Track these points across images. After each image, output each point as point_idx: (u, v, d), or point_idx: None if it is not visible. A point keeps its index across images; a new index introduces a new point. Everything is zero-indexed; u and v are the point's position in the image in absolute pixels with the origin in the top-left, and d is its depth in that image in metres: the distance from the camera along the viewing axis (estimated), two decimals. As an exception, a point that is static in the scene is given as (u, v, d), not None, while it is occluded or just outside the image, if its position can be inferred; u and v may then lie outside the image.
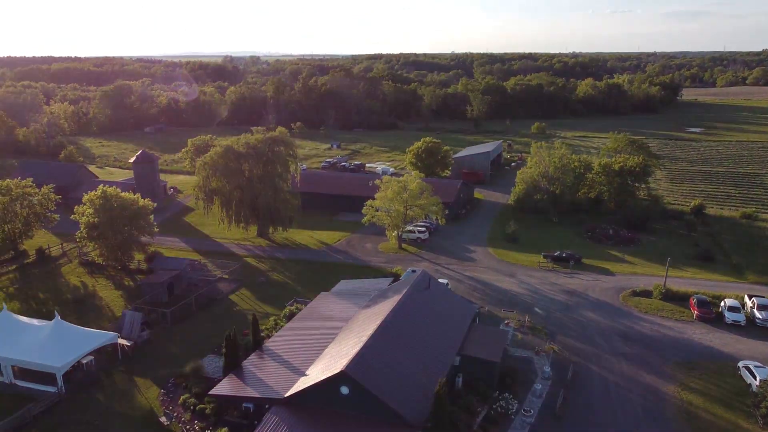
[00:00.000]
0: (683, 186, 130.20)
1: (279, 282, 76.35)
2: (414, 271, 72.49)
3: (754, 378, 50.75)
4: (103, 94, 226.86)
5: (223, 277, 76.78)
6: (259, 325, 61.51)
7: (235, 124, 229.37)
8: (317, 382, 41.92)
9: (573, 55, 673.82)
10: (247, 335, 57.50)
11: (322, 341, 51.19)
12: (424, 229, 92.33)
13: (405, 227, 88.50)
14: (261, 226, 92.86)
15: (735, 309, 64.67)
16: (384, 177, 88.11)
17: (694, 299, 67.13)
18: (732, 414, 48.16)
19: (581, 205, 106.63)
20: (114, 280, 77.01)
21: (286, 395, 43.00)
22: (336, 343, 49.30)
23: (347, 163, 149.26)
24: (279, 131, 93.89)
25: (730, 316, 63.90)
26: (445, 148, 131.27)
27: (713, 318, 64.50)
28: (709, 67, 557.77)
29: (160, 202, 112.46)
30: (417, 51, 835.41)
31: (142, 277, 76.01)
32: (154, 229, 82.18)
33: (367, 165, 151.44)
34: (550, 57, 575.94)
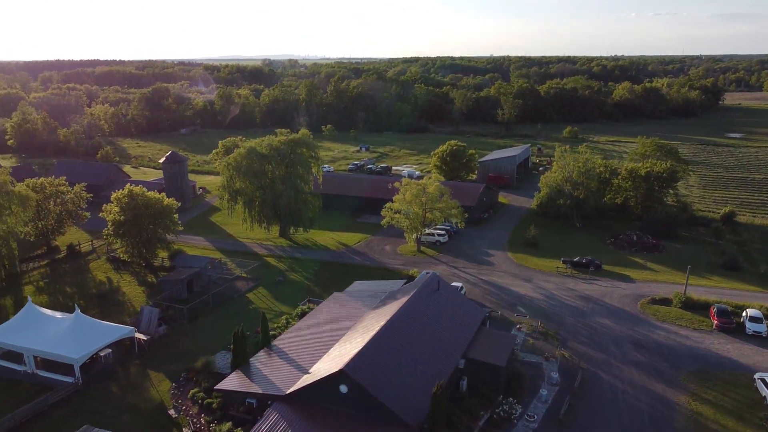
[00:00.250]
0: (716, 192, 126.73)
1: (296, 282, 77.51)
2: (428, 274, 72.81)
3: (770, 390, 49.40)
4: (141, 97, 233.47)
5: (242, 275, 78.38)
6: (272, 323, 63.04)
7: (269, 126, 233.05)
8: (317, 380, 42.65)
9: (614, 59, 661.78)
10: (259, 333, 58.79)
11: (329, 340, 51.92)
12: (443, 232, 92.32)
13: (424, 230, 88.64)
14: (282, 226, 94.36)
15: (757, 319, 62.81)
16: (403, 180, 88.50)
17: (714, 308, 65.47)
18: (743, 426, 46.91)
19: (606, 210, 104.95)
20: (138, 277, 79.42)
21: (288, 392, 43.87)
22: (341, 342, 49.94)
23: (374, 166, 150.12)
24: (301, 133, 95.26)
25: (751, 327, 62.10)
26: (470, 152, 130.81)
27: (734, 328, 62.75)
28: (756, 70, 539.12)
29: (187, 202, 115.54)
30: (453, 54, 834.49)
31: (164, 273, 78.15)
32: (178, 227, 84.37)
33: (394, 168, 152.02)
34: (589, 60, 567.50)
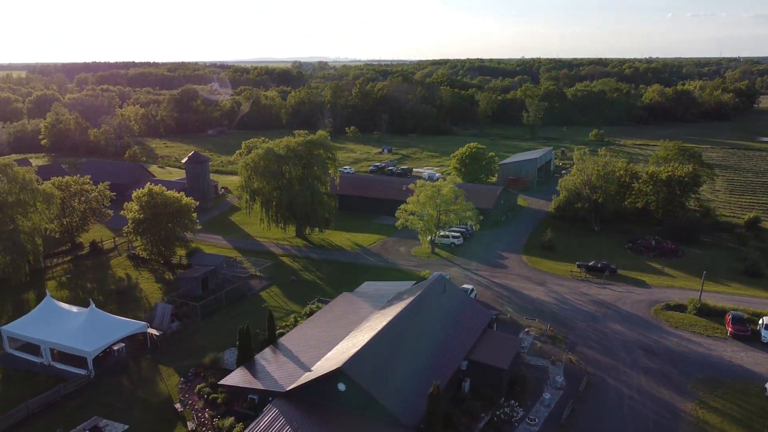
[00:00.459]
0: (743, 198, 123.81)
1: (309, 281, 78.37)
2: (444, 276, 72.94)
3: (780, 400, 48.28)
4: (171, 98, 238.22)
5: (256, 274, 79.56)
6: (281, 321, 63.99)
7: (294, 127, 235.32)
8: (316, 378, 43.23)
9: (647, 61, 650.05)
10: (266, 331, 59.71)
11: (333, 339, 52.49)
12: (458, 234, 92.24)
13: (438, 232, 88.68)
14: (298, 226, 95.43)
15: (773, 327, 61.36)
16: (418, 182, 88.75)
17: (729, 315, 64.14)
18: (750, 436, 46.01)
19: (627, 214, 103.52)
20: (156, 274, 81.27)
21: (288, 389, 44.55)
22: (344, 341, 50.43)
23: (394, 168, 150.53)
24: (319, 135, 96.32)
25: (766, 335, 60.69)
26: (490, 154, 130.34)
27: (749, 336, 61.39)
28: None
29: (209, 201, 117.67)
30: (483, 56, 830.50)
31: (181, 271, 79.79)
32: (196, 226, 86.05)
33: (414, 170, 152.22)
34: (621, 62, 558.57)
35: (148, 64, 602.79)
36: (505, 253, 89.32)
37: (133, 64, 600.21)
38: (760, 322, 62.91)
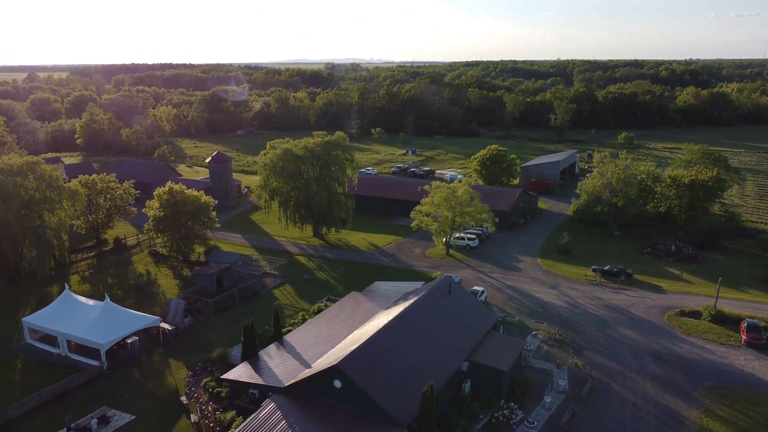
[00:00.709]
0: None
1: (322, 280, 79.33)
2: (450, 277, 73.07)
3: (788, 410, 47.09)
4: (201, 99, 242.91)
5: (271, 272, 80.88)
6: (290, 319, 65.05)
7: (322, 128, 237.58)
8: (313, 374, 44.01)
9: (686, 63, 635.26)
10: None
11: (336, 337, 53.24)
12: (474, 236, 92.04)
13: (453, 234, 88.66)
14: (315, 225, 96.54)
15: (790, 336, 59.82)
16: (433, 183, 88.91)
17: (744, 323, 62.69)
18: (755, 446, 45.04)
19: (648, 219, 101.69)
20: (174, 270, 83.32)
21: (286, 384, 45.43)
22: (346, 339, 51.14)
23: (417, 169, 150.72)
24: (337, 136, 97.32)
25: (782, 344, 59.22)
26: (511, 156, 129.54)
27: (763, 344, 59.93)
28: None
29: (231, 200, 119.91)
30: (516, 58, 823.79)
31: (198, 268, 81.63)
32: (215, 224, 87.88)
33: (437, 171, 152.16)
34: (657, 64, 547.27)
35: (184, 66, 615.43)
36: (520, 256, 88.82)
37: (169, 66, 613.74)
38: (777, 330, 61.42)
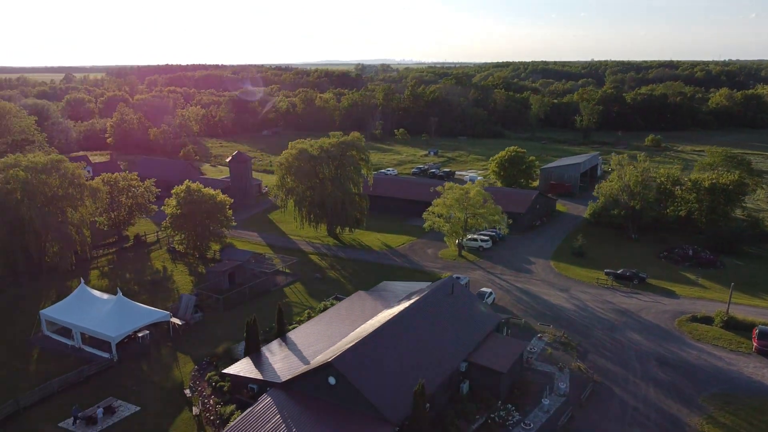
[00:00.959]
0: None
1: (332, 279, 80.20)
2: (458, 278, 73.21)
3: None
4: (229, 99, 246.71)
5: (283, 270, 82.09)
6: (297, 317, 66.06)
7: (347, 129, 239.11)
8: (309, 370, 44.79)
9: (724, 63, 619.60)
10: (285, 325, 61.91)
11: (338, 335, 53.98)
12: (487, 238, 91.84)
13: (466, 235, 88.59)
14: (329, 225, 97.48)
15: (803, 344, 58.34)
16: (446, 184, 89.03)
17: (757, 330, 61.35)
18: (755, 455, 44.23)
19: (668, 222, 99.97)
20: (190, 267, 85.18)
21: (284, 380, 46.31)
22: (347, 337, 51.80)
23: (437, 170, 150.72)
24: (352, 136, 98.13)
25: (795, 352, 57.81)
26: (530, 158, 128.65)
27: (775, 352, 58.67)
28: None
29: (251, 199, 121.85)
30: (550, 59, 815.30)
31: (213, 265, 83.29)
32: (231, 223, 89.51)
33: (458, 172, 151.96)
34: (692, 65, 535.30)
35: (215, 67, 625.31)
36: (533, 258, 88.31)
37: (201, 67, 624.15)
38: (790, 338, 59.93)
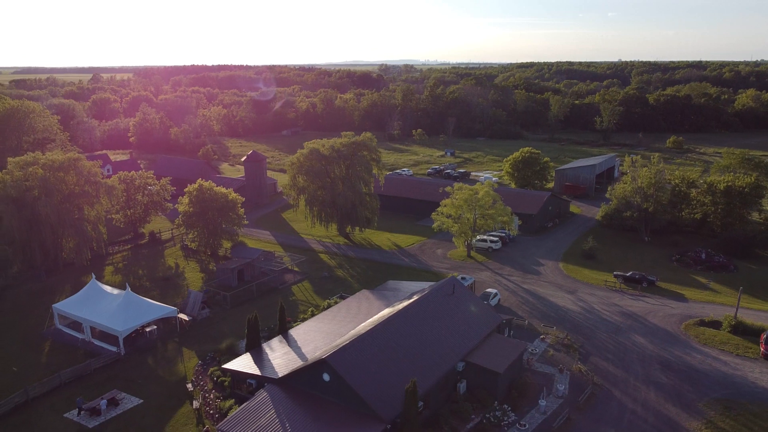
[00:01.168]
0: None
1: (340, 278, 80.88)
2: (463, 278, 73.37)
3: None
4: (249, 99, 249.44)
5: (292, 268, 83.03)
6: (302, 314, 66.90)
7: (366, 129, 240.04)
8: (304, 367, 45.47)
9: (755, 64, 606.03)
10: (290, 322, 62.86)
11: (338, 333, 54.61)
12: (496, 238, 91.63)
13: (475, 236, 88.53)
14: (340, 224, 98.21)
15: (811, 350, 57.26)
16: (455, 185, 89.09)
17: (765, 334, 60.35)
18: (752, 461, 43.66)
19: (682, 225, 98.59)
20: (201, 264, 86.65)
21: (280, 376, 47.06)
22: (346, 335, 52.36)
23: (453, 171, 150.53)
24: (363, 136, 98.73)
25: (802, 358, 56.79)
26: (545, 159, 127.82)
27: (783, 357, 57.70)
28: None
29: (265, 198, 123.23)
30: (576, 59, 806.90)
31: (223, 262, 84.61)
32: (242, 221, 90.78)
33: (473, 173, 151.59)
34: (721, 65, 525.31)
35: (239, 67, 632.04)
36: (542, 259, 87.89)
37: (226, 67, 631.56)
38: (798, 343, 58.86)
